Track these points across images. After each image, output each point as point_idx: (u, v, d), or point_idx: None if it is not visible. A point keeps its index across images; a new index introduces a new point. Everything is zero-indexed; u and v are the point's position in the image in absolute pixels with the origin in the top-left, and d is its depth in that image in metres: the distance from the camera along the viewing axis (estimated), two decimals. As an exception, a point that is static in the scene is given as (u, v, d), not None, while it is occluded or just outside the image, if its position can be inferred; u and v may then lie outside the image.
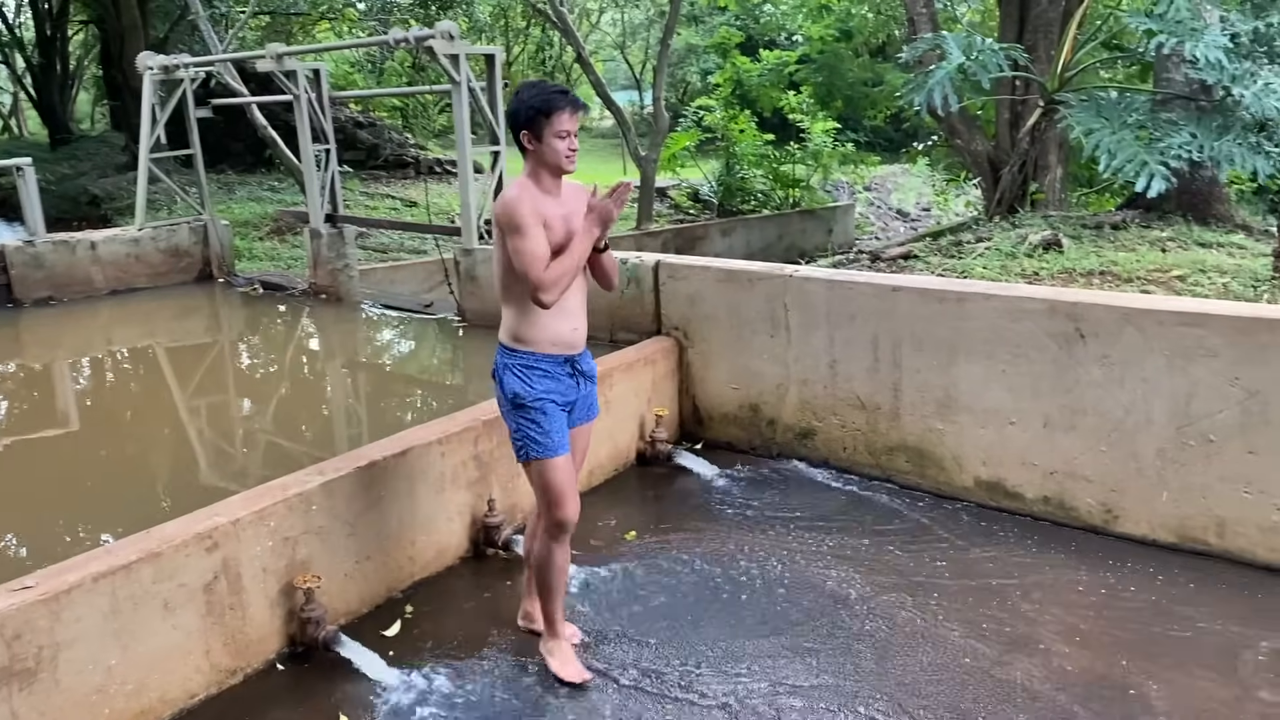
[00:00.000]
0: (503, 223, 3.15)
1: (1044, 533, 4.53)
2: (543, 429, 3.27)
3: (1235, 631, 3.70)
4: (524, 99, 3.18)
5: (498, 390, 3.37)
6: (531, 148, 3.20)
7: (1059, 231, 6.19)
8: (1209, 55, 5.86)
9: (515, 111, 3.20)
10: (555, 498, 3.30)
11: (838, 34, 18.86)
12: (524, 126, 3.18)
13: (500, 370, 3.33)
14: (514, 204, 3.13)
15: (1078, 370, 4.43)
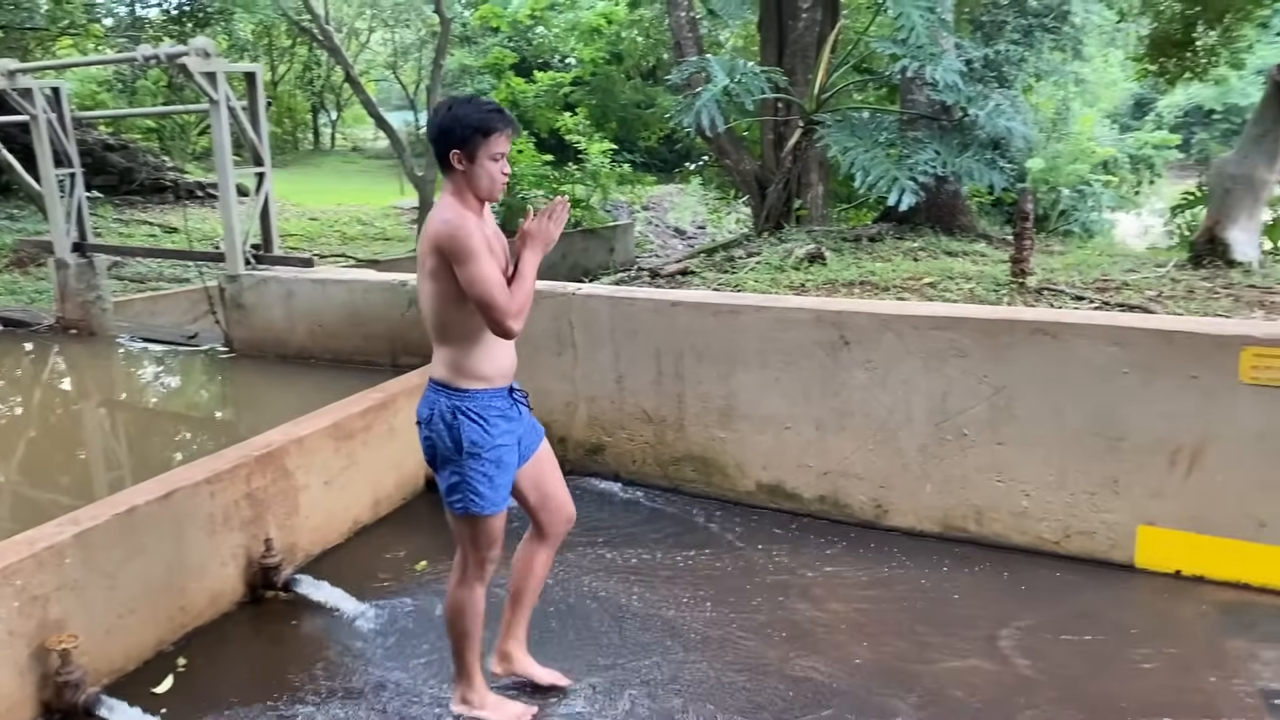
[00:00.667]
0: (447, 250, 2.83)
1: (822, 530, 4.75)
2: (492, 483, 3.00)
3: (995, 611, 3.99)
4: (460, 116, 2.88)
5: (440, 438, 2.98)
6: (461, 168, 2.90)
7: (822, 245, 6.53)
8: (947, 79, 6.37)
9: (449, 129, 2.88)
10: (486, 549, 3.11)
11: (609, 57, 19.25)
12: (457, 145, 2.88)
13: (447, 415, 2.96)
14: (460, 230, 2.82)
15: (844, 375, 4.68)
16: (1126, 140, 23.45)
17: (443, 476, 3.04)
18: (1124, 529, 4.29)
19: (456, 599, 3.17)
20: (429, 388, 3.05)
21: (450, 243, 2.82)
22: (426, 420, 3.02)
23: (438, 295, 2.92)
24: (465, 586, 3.15)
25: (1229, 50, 12.25)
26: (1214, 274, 5.49)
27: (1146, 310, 4.88)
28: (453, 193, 2.94)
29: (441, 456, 3.01)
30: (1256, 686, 3.43)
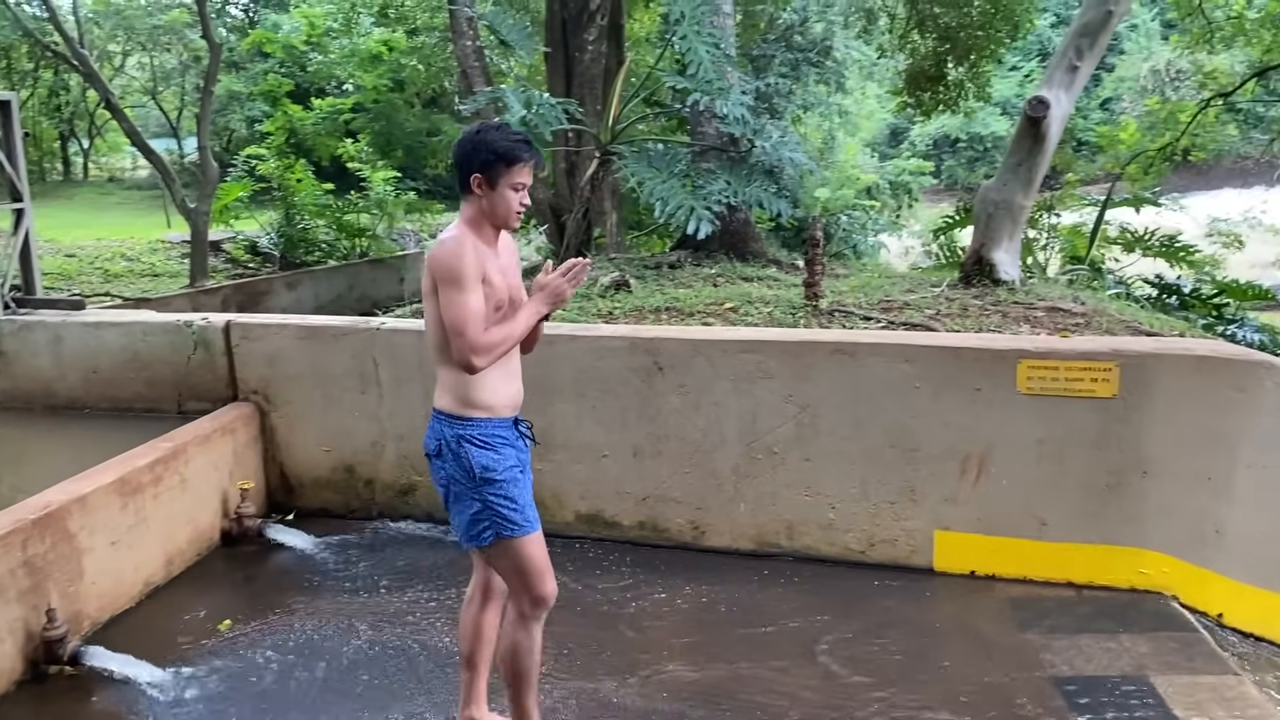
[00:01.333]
0: (439, 273, 2.76)
1: (643, 556, 4.79)
2: (516, 504, 2.88)
3: (810, 622, 4.14)
4: (487, 142, 2.82)
5: (448, 468, 2.88)
6: (480, 194, 2.84)
7: (626, 273, 6.63)
8: (736, 112, 6.63)
9: (474, 153, 2.82)
10: (536, 574, 2.94)
11: (391, 84, 18.88)
12: (480, 170, 2.82)
13: (452, 444, 2.85)
14: (455, 254, 2.75)
15: (659, 400, 4.76)
16: (886, 168, 25.18)
17: (461, 512, 2.91)
18: (923, 535, 4.56)
19: (514, 640, 3.01)
20: (433, 418, 2.94)
21: (441, 266, 2.76)
22: (435, 453, 2.91)
23: (438, 320, 2.83)
24: (522, 627, 3.00)
25: (975, 84, 13.36)
26: (983, 292, 5.96)
27: (929, 328, 5.23)
28: (466, 218, 2.89)
29: (456, 490, 2.89)
30: (1049, 674, 3.72)
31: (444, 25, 16.22)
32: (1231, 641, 4.13)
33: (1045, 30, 35.27)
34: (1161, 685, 3.64)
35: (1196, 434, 4.14)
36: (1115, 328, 5.35)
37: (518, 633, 3.00)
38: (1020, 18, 12.51)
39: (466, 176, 2.85)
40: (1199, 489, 4.18)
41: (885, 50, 15.07)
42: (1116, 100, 34.31)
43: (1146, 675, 3.71)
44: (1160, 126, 13.49)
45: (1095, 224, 10.14)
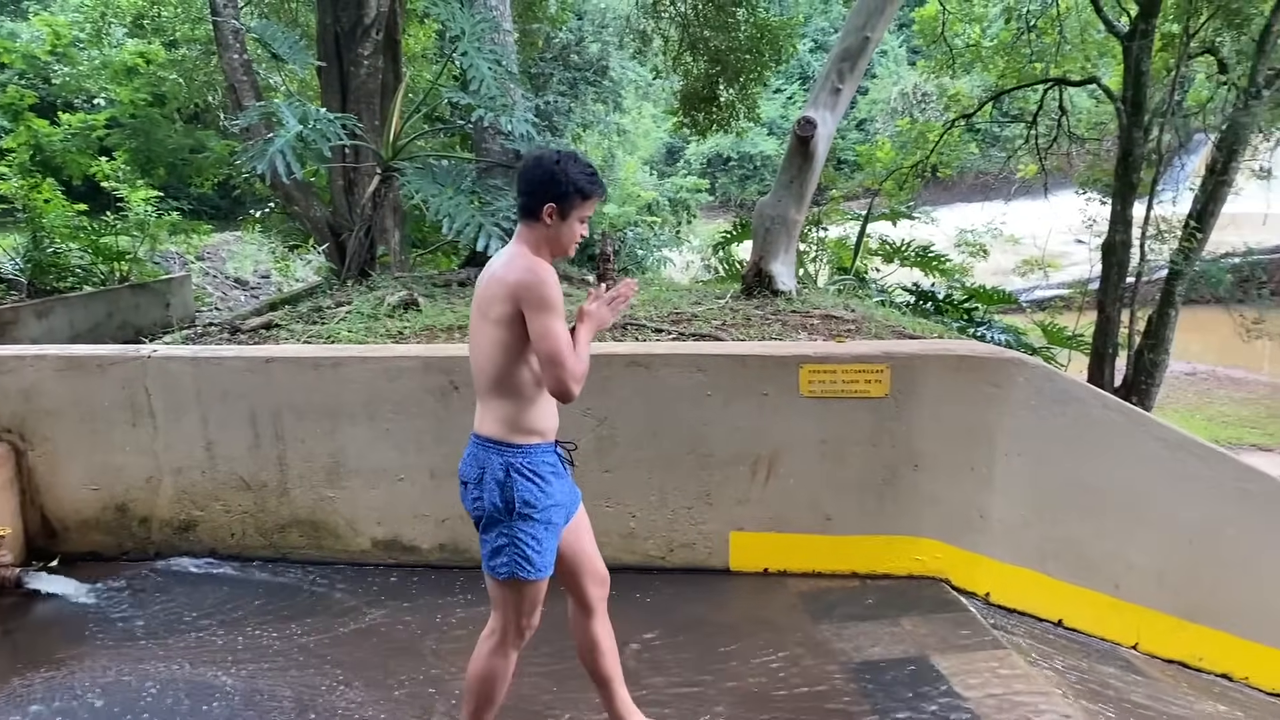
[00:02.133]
0: (528, 299, 2.71)
1: (444, 579, 4.71)
2: (541, 547, 2.85)
3: (618, 631, 4.18)
4: (567, 172, 2.81)
5: (487, 496, 2.82)
6: (549, 223, 2.82)
7: (413, 291, 6.51)
8: (520, 129, 6.66)
9: (550, 182, 2.80)
10: (530, 615, 2.98)
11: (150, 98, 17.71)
12: (555, 200, 2.80)
13: (499, 473, 2.80)
14: (548, 282, 2.71)
15: (456, 420, 4.70)
16: (665, 185, 25.93)
17: (488, 540, 2.88)
18: (719, 537, 4.72)
19: (490, 665, 3.01)
20: (475, 445, 2.88)
21: (534, 291, 2.71)
22: (476, 480, 2.86)
23: (502, 346, 2.78)
24: (501, 653, 3.00)
25: (745, 105, 13.98)
26: (764, 303, 6.24)
27: (717, 338, 5.42)
28: (528, 242, 2.85)
29: (489, 518, 2.85)
30: (840, 662, 3.92)
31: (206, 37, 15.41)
32: (998, 618, 4.50)
33: (806, 55, 37.40)
34: (941, 664, 3.92)
35: (960, 428, 4.50)
36: (883, 332, 5.73)
37: (495, 659, 3.01)
38: (783, 43, 13.20)
39: (538, 203, 2.82)
40: (964, 479, 4.53)
41: (660, 71, 15.50)
42: (871, 121, 36.76)
43: (927, 656, 3.98)
44: (911, 146, 14.57)
45: (858, 237, 10.81)
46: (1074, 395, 4.52)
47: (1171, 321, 10.22)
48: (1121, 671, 4.44)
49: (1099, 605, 4.70)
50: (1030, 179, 14.00)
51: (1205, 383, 20.51)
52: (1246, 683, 4.81)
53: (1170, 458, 4.58)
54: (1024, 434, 4.50)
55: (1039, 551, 4.65)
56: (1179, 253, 9.98)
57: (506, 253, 2.89)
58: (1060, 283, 18.47)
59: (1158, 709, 4.15)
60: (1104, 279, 10.21)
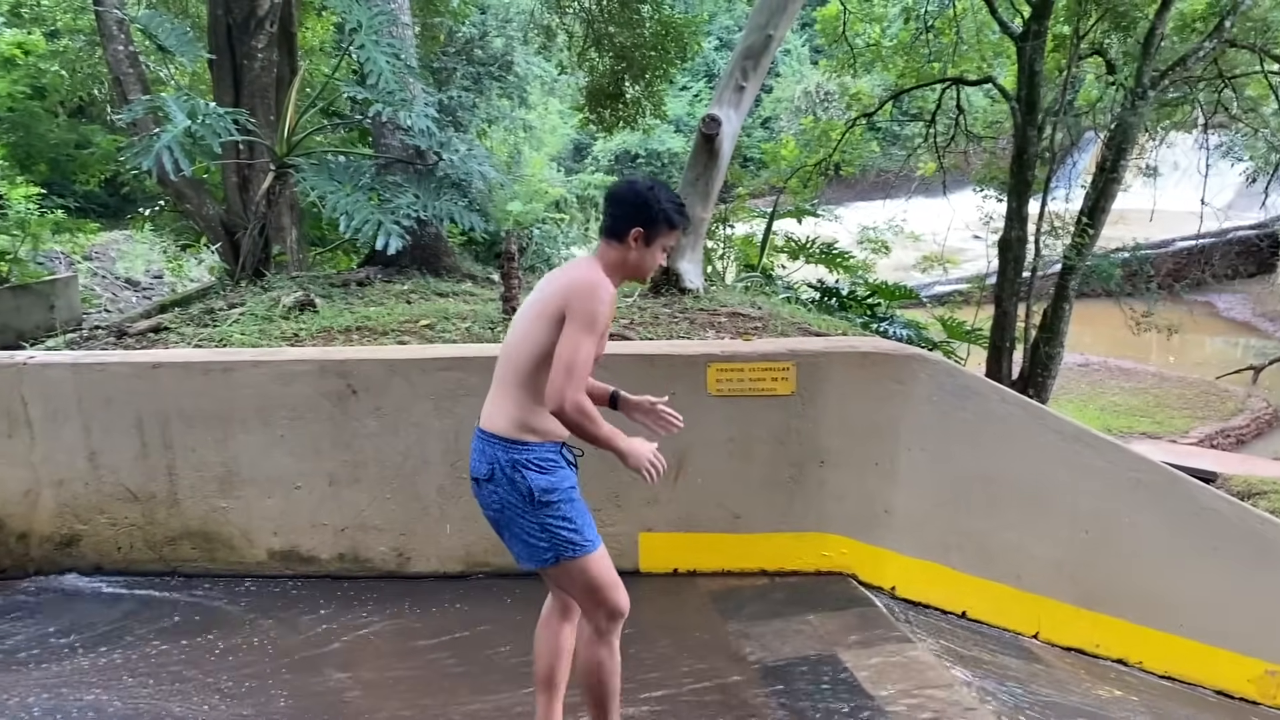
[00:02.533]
0: (578, 306, 2.71)
1: (344, 590, 4.56)
2: (576, 524, 2.84)
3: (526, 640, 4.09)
4: (660, 200, 2.86)
5: (501, 492, 2.82)
6: (633, 248, 2.86)
7: (310, 292, 6.31)
8: (420, 124, 6.50)
9: (641, 207, 2.84)
10: (607, 589, 2.87)
11: (29, 91, 16.89)
12: (644, 225, 2.84)
13: (507, 469, 2.80)
14: (602, 299, 2.73)
15: (354, 425, 4.55)
16: (573, 181, 25.80)
17: (518, 538, 2.85)
18: (628, 538, 4.67)
19: (595, 658, 2.91)
20: (483, 441, 2.87)
21: (584, 300, 2.71)
22: (487, 477, 2.85)
23: (538, 344, 2.77)
24: (603, 644, 2.90)
25: (651, 102, 13.96)
26: (671, 301, 6.21)
27: (624, 337, 5.36)
28: (607, 262, 2.87)
29: (511, 515, 2.83)
30: (749, 661, 3.91)
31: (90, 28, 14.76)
32: (904, 612, 4.54)
33: (711, 53, 37.65)
34: (848, 660, 3.93)
35: (864, 424, 4.53)
36: (789, 330, 5.75)
37: (599, 650, 2.91)
38: (688, 40, 13.21)
39: (625, 226, 2.85)
40: (869, 474, 4.56)
41: (565, 67, 15.40)
42: (776, 120, 37.19)
43: (835, 652, 3.99)
44: (815, 144, 14.74)
45: (764, 234, 10.88)
46: (975, 390, 4.59)
47: (1066, 315, 10.54)
48: (1023, 661, 4.53)
49: (1001, 596, 4.78)
50: (929, 177, 14.31)
51: (1097, 374, 21.25)
52: (1140, 667, 4.95)
53: (1067, 450, 4.68)
54: (927, 429, 4.55)
55: (942, 544, 4.71)
56: (1072, 248, 10.29)
57: (578, 261, 2.93)
58: (959, 278, 18.93)
59: (1058, 698, 4.24)
60: (1001, 274, 10.47)
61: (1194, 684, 4.99)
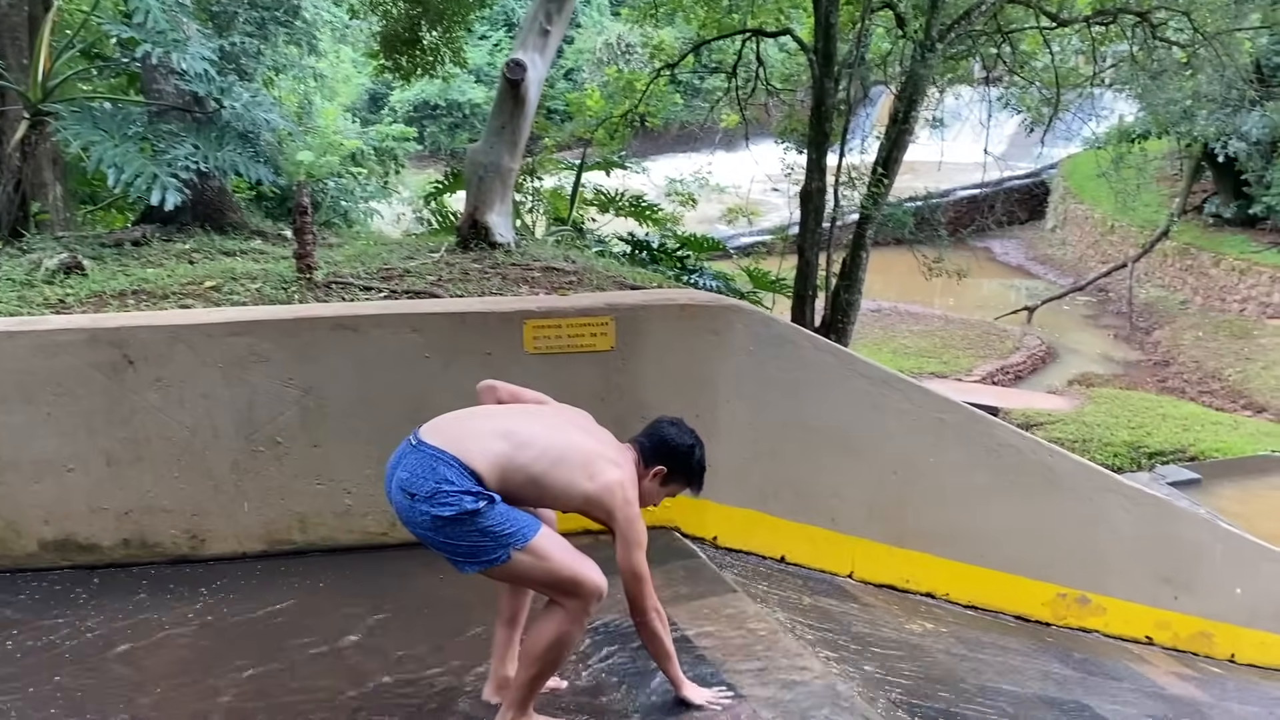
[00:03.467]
0: (621, 516, 2.90)
1: (132, 578, 4.16)
2: (509, 518, 2.77)
3: (336, 617, 3.86)
4: (697, 460, 3.12)
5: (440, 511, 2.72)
6: (650, 480, 3.07)
7: (77, 253, 5.69)
8: (197, 67, 5.94)
9: (681, 457, 3.09)
10: (570, 566, 2.84)
11: None
12: (670, 470, 3.08)
13: (468, 507, 2.72)
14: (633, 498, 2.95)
15: (133, 398, 4.13)
16: (369, 133, 24.73)
17: (459, 549, 2.76)
18: (444, 506, 4.45)
19: (565, 634, 2.86)
20: (444, 465, 2.76)
21: (627, 511, 2.90)
22: (429, 496, 2.73)
23: (577, 488, 2.89)
24: (576, 622, 2.87)
25: (450, 50, 13.45)
26: (481, 256, 5.97)
27: (433, 295, 5.11)
28: (633, 466, 3.03)
29: (447, 532, 2.74)
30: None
31: None
32: (727, 560, 4.56)
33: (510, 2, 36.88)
34: (677, 613, 3.89)
35: (684, 376, 4.48)
36: (604, 284, 5.63)
37: (570, 628, 2.87)
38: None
39: (656, 461, 3.05)
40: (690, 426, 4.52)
41: (357, 11, 14.62)
42: (579, 71, 36.88)
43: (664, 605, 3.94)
44: (619, 95, 14.61)
45: (573, 187, 10.71)
46: (789, 339, 4.62)
47: (863, 263, 10.91)
48: (840, 601, 4.65)
49: (817, 539, 4.88)
50: (732, 129, 14.49)
51: (889, 318, 22.34)
52: (947, 598, 5.19)
53: (876, 394, 4.80)
54: (743, 379, 4.55)
55: (761, 492, 4.75)
56: (869, 198, 10.64)
57: (619, 461, 2.99)
58: (762, 229, 19.38)
59: (874, 633, 4.37)
60: (803, 225, 10.70)
61: (996, 611, 5.28)
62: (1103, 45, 12.92)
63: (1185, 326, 22.19)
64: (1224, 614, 5.82)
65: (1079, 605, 5.45)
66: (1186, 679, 5.30)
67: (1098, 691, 4.57)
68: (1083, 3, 12.44)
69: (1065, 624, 5.44)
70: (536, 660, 2.89)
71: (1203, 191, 24.97)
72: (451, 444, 2.83)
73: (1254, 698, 5.37)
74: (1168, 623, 5.69)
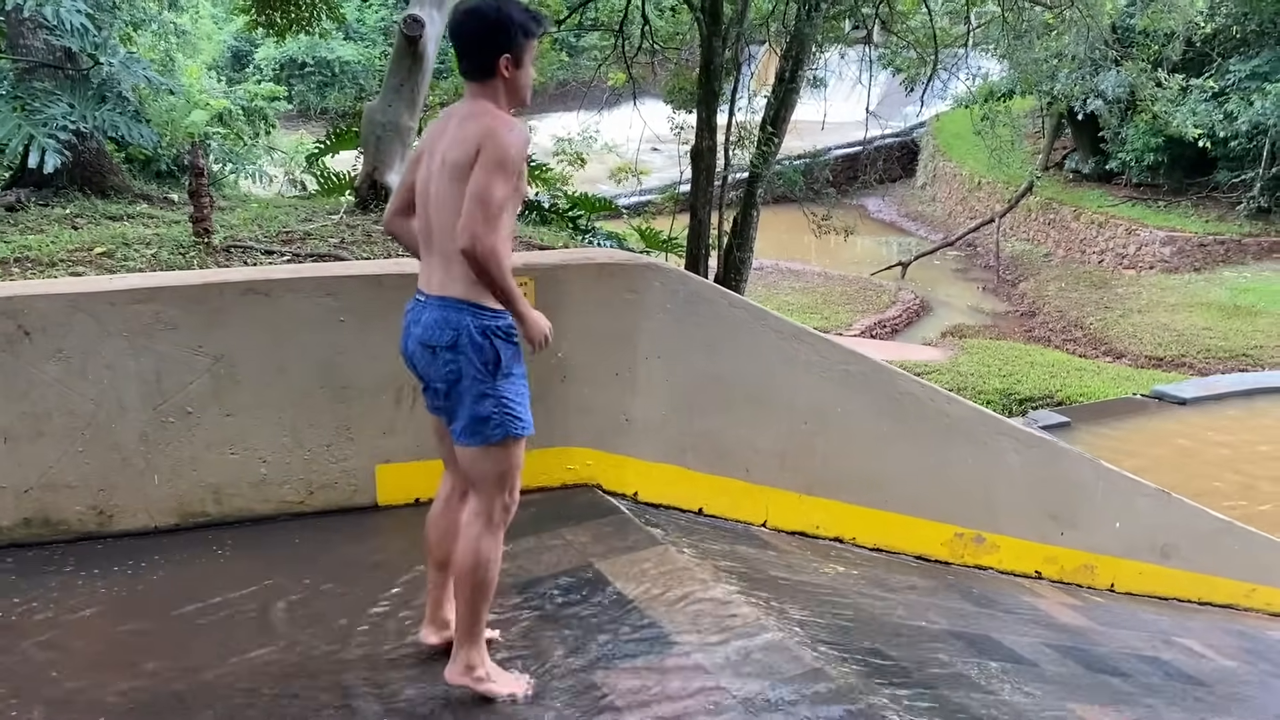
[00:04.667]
0: (502, 154, 2.60)
1: (38, 558, 3.99)
2: (524, 402, 2.85)
3: (259, 589, 3.77)
4: (512, 16, 2.65)
5: (463, 360, 2.74)
6: (508, 75, 2.71)
7: (-55, 220, 5.36)
8: (72, 19, 5.60)
9: (502, 29, 2.65)
10: (516, 475, 2.90)
11: None
12: (509, 49, 2.67)
13: (477, 334, 2.73)
14: (521, 150, 2.66)
15: (32, 371, 3.94)
16: (236, 92, 23.73)
17: (470, 411, 2.77)
18: (364, 472, 4.41)
19: (484, 549, 2.83)
20: (443, 308, 2.76)
21: (506, 152, 2.60)
22: (450, 344, 2.74)
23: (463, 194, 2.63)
24: (492, 534, 2.85)
25: (327, 4, 13.01)
26: (382, 216, 5.84)
27: (339, 257, 5.01)
28: (495, 103, 2.72)
29: (467, 386, 2.75)
30: (509, 582, 3.81)
31: None
32: (648, 515, 4.64)
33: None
34: (605, 568, 3.97)
35: (605, 335, 4.52)
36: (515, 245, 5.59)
37: (488, 543, 2.84)
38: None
39: (490, 58, 2.68)
40: (611, 385, 4.58)
41: (225, -37, 13.96)
42: (456, 28, 35.99)
43: (592, 562, 4.01)
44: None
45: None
46: (704, 296, 4.70)
47: (754, 221, 11.11)
48: (757, 550, 4.79)
49: (733, 490, 5.01)
50: (620, 88, 14.45)
51: (770, 276, 22.80)
52: (854, 542, 5.40)
53: (786, 347, 4.93)
54: (661, 336, 4.61)
55: (679, 446, 4.84)
56: (759, 156, 10.81)
57: (466, 108, 2.74)
58: (651, 188, 19.47)
59: (791, 577, 4.53)
60: (694, 184, 10.81)
61: (898, 553, 5.52)
62: (975, 5, 13.36)
63: (1049, 278, 23.32)
64: (1105, 547, 6.21)
65: (975, 544, 5.74)
66: (1074, 609, 5.65)
67: (998, 624, 4.85)
68: (956, -36, 12.84)
69: (963, 562, 5.72)
70: (471, 581, 2.88)
71: (1063, 148, 26.15)
72: (435, 286, 2.86)
73: (1134, 623, 5.77)
74: (1055, 557, 6.04)
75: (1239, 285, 20.68)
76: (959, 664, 4.05)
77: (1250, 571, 7.02)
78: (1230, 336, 18.22)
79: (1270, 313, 19.09)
